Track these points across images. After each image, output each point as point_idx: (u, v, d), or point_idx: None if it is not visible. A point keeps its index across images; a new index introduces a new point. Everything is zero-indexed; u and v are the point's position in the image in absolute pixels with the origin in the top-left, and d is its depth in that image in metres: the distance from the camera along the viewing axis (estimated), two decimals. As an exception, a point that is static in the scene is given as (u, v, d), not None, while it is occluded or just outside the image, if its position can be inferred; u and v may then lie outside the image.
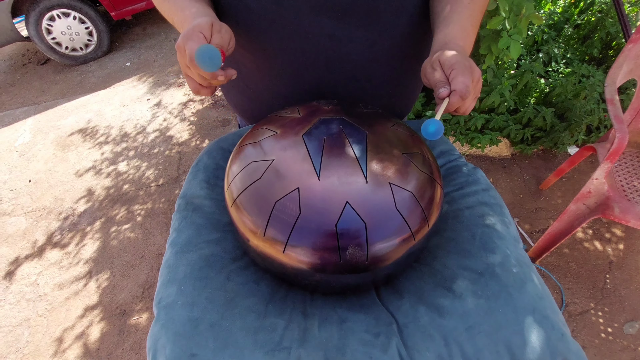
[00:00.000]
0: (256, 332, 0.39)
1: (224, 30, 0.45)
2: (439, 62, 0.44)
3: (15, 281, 1.51)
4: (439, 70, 0.44)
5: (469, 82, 0.42)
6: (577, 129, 1.56)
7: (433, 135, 0.41)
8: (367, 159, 0.41)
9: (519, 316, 0.40)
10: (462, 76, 0.42)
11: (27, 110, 2.50)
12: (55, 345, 1.30)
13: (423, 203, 0.40)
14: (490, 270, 0.43)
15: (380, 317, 0.41)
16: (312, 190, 0.38)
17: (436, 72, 0.44)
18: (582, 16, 1.88)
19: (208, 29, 0.43)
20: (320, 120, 0.46)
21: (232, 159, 0.47)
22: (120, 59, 2.93)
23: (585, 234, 1.46)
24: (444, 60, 0.44)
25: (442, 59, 0.44)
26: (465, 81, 0.41)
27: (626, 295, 1.27)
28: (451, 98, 0.42)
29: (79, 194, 1.85)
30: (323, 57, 0.56)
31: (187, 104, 2.36)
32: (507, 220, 0.50)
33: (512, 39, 1.13)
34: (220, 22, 0.45)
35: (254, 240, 0.40)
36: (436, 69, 0.45)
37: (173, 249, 0.47)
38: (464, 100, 0.42)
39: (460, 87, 0.41)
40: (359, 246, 0.37)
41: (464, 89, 0.41)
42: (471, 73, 0.43)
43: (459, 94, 0.41)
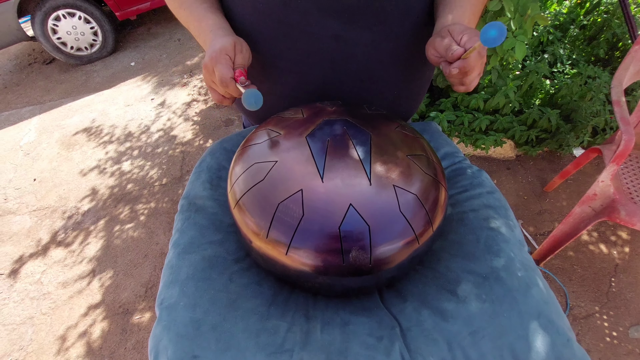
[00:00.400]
0: (258, 335, 0.39)
1: (244, 49, 0.50)
2: (448, 31, 0.45)
3: (19, 279, 1.52)
4: (448, 37, 0.44)
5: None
6: (582, 130, 1.54)
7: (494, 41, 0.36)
8: (371, 161, 0.40)
9: (523, 321, 0.39)
10: (476, 36, 0.42)
11: (32, 110, 2.52)
12: (59, 344, 1.30)
13: (427, 206, 0.40)
14: (495, 273, 0.43)
15: (383, 321, 0.41)
16: (316, 192, 0.38)
17: (446, 39, 0.44)
18: (588, 17, 1.86)
19: (232, 51, 0.48)
20: (324, 122, 0.46)
21: (236, 159, 0.47)
22: (124, 59, 2.95)
23: (591, 237, 1.44)
24: (452, 29, 0.45)
25: (450, 28, 0.45)
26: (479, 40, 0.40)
27: (632, 299, 1.26)
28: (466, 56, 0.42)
29: (83, 193, 1.86)
30: (328, 58, 0.56)
31: (191, 103, 2.36)
32: (512, 223, 0.50)
33: (518, 39, 1.12)
34: (240, 40, 0.50)
35: (257, 242, 0.40)
36: (445, 37, 0.45)
37: (175, 249, 0.47)
38: (481, 58, 0.42)
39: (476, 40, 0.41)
40: (362, 249, 0.37)
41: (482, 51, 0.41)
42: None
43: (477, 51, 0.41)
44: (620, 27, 1.70)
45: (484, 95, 1.53)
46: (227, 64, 0.46)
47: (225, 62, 0.46)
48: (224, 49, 0.47)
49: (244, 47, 0.50)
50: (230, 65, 0.47)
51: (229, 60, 0.47)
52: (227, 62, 0.46)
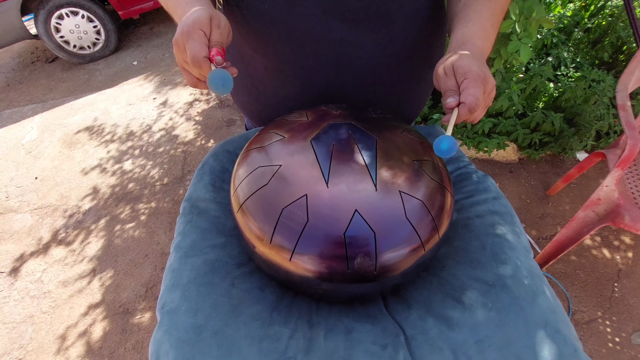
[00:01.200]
0: (260, 341, 0.38)
1: (222, 24, 0.43)
2: (452, 67, 0.43)
3: (20, 278, 1.52)
4: (451, 76, 0.43)
5: (479, 95, 0.40)
6: (586, 134, 1.53)
7: (446, 152, 0.39)
8: (377, 166, 0.40)
9: (530, 330, 0.39)
10: (473, 88, 0.40)
11: (34, 108, 2.52)
12: (59, 343, 1.30)
13: (433, 212, 0.39)
14: (501, 281, 0.42)
15: (388, 328, 0.40)
16: (321, 197, 0.37)
17: (448, 79, 0.43)
18: (593, 20, 1.85)
19: (207, 25, 0.41)
20: (329, 125, 0.45)
21: (239, 163, 0.46)
22: (127, 58, 2.95)
23: (594, 242, 1.43)
24: (457, 66, 0.42)
25: (455, 64, 0.42)
26: (475, 93, 0.40)
27: (634, 305, 1.25)
28: (460, 110, 0.41)
29: (85, 191, 1.86)
30: (333, 61, 0.56)
31: (193, 103, 2.36)
32: (517, 229, 0.49)
33: (522, 42, 1.11)
34: (218, 14, 0.43)
35: (260, 247, 0.40)
36: (448, 75, 0.43)
37: (177, 253, 0.47)
38: (472, 113, 0.41)
39: (470, 100, 0.40)
40: (367, 255, 0.36)
41: (473, 102, 0.40)
42: (484, 84, 0.41)
43: (467, 107, 0.40)
44: (625, 31, 1.69)
45: (487, 97, 1.52)
46: (200, 41, 0.39)
47: (198, 38, 0.40)
48: (198, 23, 0.40)
49: (222, 21, 0.43)
50: (204, 42, 0.40)
51: (203, 37, 0.40)
52: (200, 38, 0.40)
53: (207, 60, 0.40)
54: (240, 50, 0.61)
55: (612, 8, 1.80)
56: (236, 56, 0.63)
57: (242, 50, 0.61)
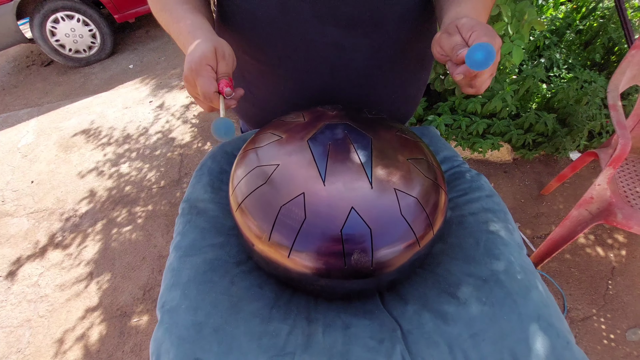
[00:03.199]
0: (260, 337, 0.39)
1: (227, 53, 0.44)
2: (457, 26, 0.40)
3: (16, 282, 1.51)
4: (456, 34, 0.40)
5: (493, 42, 0.37)
6: (579, 134, 1.56)
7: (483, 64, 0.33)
8: (372, 165, 0.41)
9: (523, 324, 0.40)
10: (485, 36, 0.37)
11: (30, 112, 2.51)
12: (56, 347, 1.29)
13: (428, 209, 0.40)
14: (495, 277, 0.43)
15: (385, 323, 0.41)
16: (318, 195, 0.38)
17: (454, 36, 0.40)
18: (584, 22, 1.88)
19: (213, 58, 0.43)
20: (325, 126, 0.46)
21: (237, 163, 0.47)
22: (123, 62, 2.95)
23: (587, 240, 1.45)
24: (462, 24, 0.40)
25: (459, 24, 0.40)
26: (490, 40, 0.37)
27: (629, 302, 1.26)
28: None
29: (81, 195, 1.85)
30: (327, 65, 0.57)
31: (189, 106, 2.37)
32: (511, 226, 0.50)
33: (515, 44, 1.13)
34: (221, 44, 0.44)
35: (259, 245, 0.40)
36: (453, 34, 0.40)
37: (177, 252, 0.47)
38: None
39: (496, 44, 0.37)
40: (364, 251, 0.37)
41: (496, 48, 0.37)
42: (494, 37, 0.38)
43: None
44: (616, 32, 1.72)
45: (481, 99, 1.54)
46: (208, 76, 0.41)
47: (206, 74, 0.41)
48: (204, 58, 0.41)
49: (227, 51, 0.44)
50: (212, 76, 0.42)
51: (210, 72, 0.42)
52: (208, 73, 0.41)
53: (217, 94, 0.42)
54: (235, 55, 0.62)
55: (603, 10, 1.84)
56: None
57: (237, 55, 0.61)
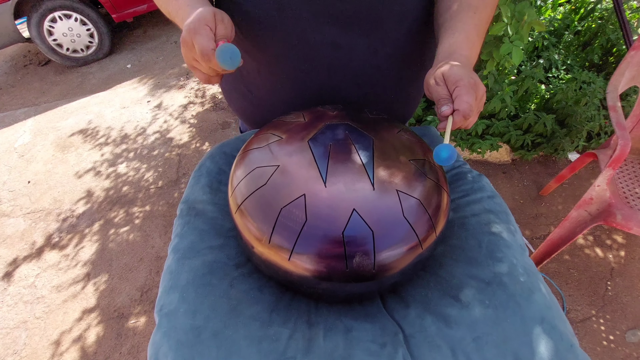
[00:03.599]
0: (260, 342, 0.38)
1: (226, 19, 0.44)
2: (443, 76, 0.43)
3: (13, 283, 1.49)
4: (442, 85, 0.43)
5: (472, 101, 0.41)
6: (577, 135, 1.56)
7: (447, 160, 0.40)
8: (374, 166, 0.40)
9: (527, 326, 0.39)
10: (465, 95, 0.41)
11: (27, 111, 2.49)
12: (53, 348, 1.28)
13: (430, 210, 0.40)
14: (498, 279, 0.42)
15: (386, 327, 0.40)
16: (319, 196, 0.38)
17: (439, 88, 0.44)
18: (583, 23, 1.89)
19: (212, 20, 0.42)
20: (325, 126, 0.45)
21: (237, 163, 0.46)
22: (121, 61, 2.94)
23: (586, 241, 1.45)
24: (448, 75, 0.43)
25: (446, 74, 0.43)
26: (468, 100, 0.41)
27: (628, 303, 1.26)
28: (454, 117, 0.42)
29: (78, 195, 1.84)
30: (325, 64, 0.56)
31: (188, 106, 2.36)
32: (513, 228, 0.50)
33: (514, 45, 1.13)
34: (220, 11, 0.44)
35: (259, 247, 0.40)
36: (439, 84, 0.44)
37: (175, 255, 0.46)
38: (466, 119, 0.42)
39: (463, 107, 0.41)
40: (366, 254, 0.36)
41: (467, 109, 0.41)
42: (475, 90, 0.42)
43: (462, 114, 0.41)
44: (615, 33, 1.72)
45: (481, 99, 1.54)
46: (207, 35, 0.41)
47: (205, 32, 0.41)
48: (203, 19, 0.42)
49: (225, 17, 0.44)
50: (211, 36, 0.41)
51: (209, 31, 0.41)
52: (207, 32, 0.41)
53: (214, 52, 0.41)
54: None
55: (601, 11, 1.84)
56: None
57: None
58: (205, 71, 0.44)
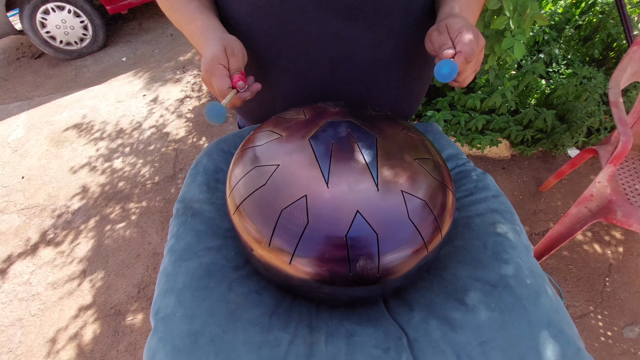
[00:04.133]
0: (260, 347, 0.37)
1: (236, 50, 0.48)
2: (446, 25, 0.46)
3: (7, 280, 1.48)
4: (445, 33, 0.46)
5: (474, 45, 0.43)
6: (577, 130, 1.55)
7: (448, 76, 0.42)
8: (378, 165, 0.39)
9: (534, 330, 0.38)
10: (468, 38, 0.43)
11: (20, 105, 2.45)
12: (49, 346, 1.27)
13: (436, 211, 0.39)
14: (504, 281, 0.41)
15: (390, 331, 0.39)
16: (321, 198, 0.36)
17: (442, 35, 0.46)
18: (583, 17, 1.87)
19: (224, 57, 0.47)
20: (327, 123, 0.44)
21: (235, 162, 0.45)
22: (115, 54, 2.88)
23: (585, 237, 1.45)
24: (451, 24, 0.45)
25: (449, 23, 0.46)
26: (471, 43, 0.43)
27: (626, 299, 1.27)
28: (456, 59, 0.43)
29: (73, 191, 1.81)
30: (327, 57, 0.55)
31: (184, 100, 2.32)
32: (518, 228, 0.49)
33: (516, 39, 1.11)
34: (230, 41, 0.48)
35: (258, 250, 0.38)
36: (442, 33, 0.46)
37: (171, 256, 0.45)
38: (467, 62, 0.43)
39: (466, 48, 0.43)
40: (370, 258, 0.35)
41: (469, 51, 0.43)
42: (477, 39, 0.44)
43: (464, 55, 0.43)
44: (615, 28, 1.70)
45: (480, 94, 1.52)
46: (221, 75, 0.45)
47: (219, 73, 0.45)
48: (216, 58, 0.46)
49: (236, 48, 0.48)
50: (225, 74, 0.46)
51: (222, 70, 0.46)
52: (221, 72, 0.46)
53: (232, 90, 0.46)
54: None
55: (602, 5, 1.82)
56: None
57: None
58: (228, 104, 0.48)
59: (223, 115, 0.44)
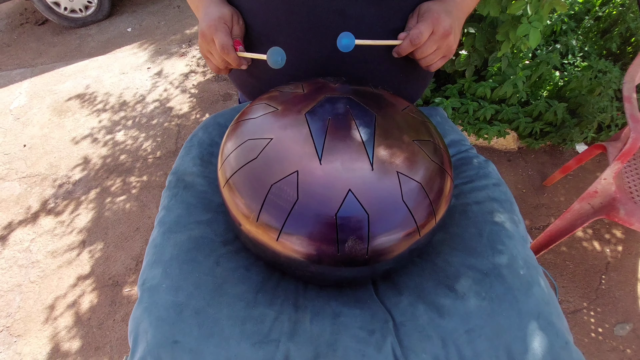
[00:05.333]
0: (244, 322, 0.36)
1: (241, 21, 0.51)
2: (418, 10, 0.48)
3: (8, 246, 1.50)
4: (414, 17, 0.48)
5: (424, 32, 0.45)
6: (587, 125, 1.51)
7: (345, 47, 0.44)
8: (375, 144, 0.37)
9: (522, 321, 0.37)
10: (422, 25, 0.45)
11: (23, 73, 2.42)
12: (47, 313, 1.30)
13: (432, 195, 0.37)
14: (497, 270, 0.40)
15: (377, 314, 0.39)
16: (312, 174, 0.35)
17: (411, 19, 0.49)
18: (604, 8, 1.79)
19: (230, 20, 0.49)
20: (325, 99, 0.42)
21: (228, 134, 0.43)
22: (121, 24, 2.83)
23: (585, 234, 1.44)
24: (420, 8, 0.48)
25: (421, 8, 0.48)
26: (420, 29, 0.45)
27: (620, 297, 1.26)
28: (404, 40, 0.47)
29: (75, 161, 1.81)
30: (330, 34, 0.52)
31: (189, 75, 2.29)
32: (516, 218, 0.47)
33: (532, 26, 1.07)
34: (236, 11, 0.51)
35: (246, 225, 0.37)
36: (413, 16, 0.49)
37: (161, 228, 0.44)
38: (414, 46, 0.46)
39: (413, 32, 0.45)
40: (359, 239, 0.34)
41: (415, 36, 0.45)
42: (434, 24, 0.45)
43: (409, 39, 0.46)
44: (635, 22, 1.63)
45: (491, 83, 1.48)
46: (226, 32, 0.47)
47: (224, 30, 0.47)
48: (222, 18, 0.48)
49: (240, 18, 0.51)
50: (229, 33, 0.48)
51: (227, 29, 0.48)
52: (226, 30, 0.47)
53: (233, 48, 0.47)
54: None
55: (625, -4, 1.74)
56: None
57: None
58: (216, 64, 0.51)
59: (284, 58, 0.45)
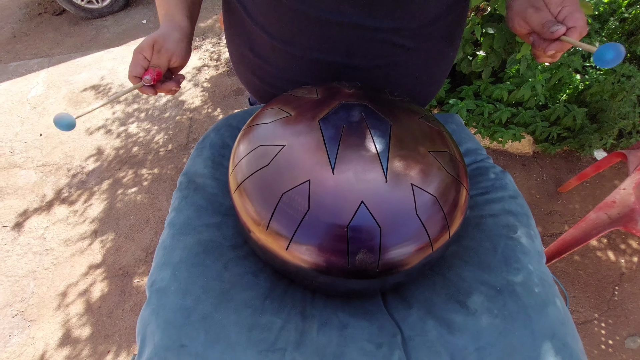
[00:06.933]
0: (250, 329, 0.36)
1: (164, 49, 0.50)
2: (544, 1, 0.41)
3: (23, 233, 1.53)
4: (545, 10, 0.41)
5: (585, 18, 0.39)
6: (608, 132, 1.46)
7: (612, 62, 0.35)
8: (389, 155, 0.36)
9: (536, 341, 0.36)
10: (578, 12, 0.39)
11: (40, 62, 2.47)
12: (59, 299, 1.33)
13: (446, 208, 0.36)
14: (510, 287, 0.39)
15: (385, 327, 0.38)
16: (324, 184, 0.34)
17: (542, 12, 0.41)
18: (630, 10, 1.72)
19: (148, 50, 0.49)
20: (340, 105, 0.41)
21: (240, 138, 0.43)
22: (136, 16, 2.85)
23: (600, 243, 1.40)
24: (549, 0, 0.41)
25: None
26: (582, 17, 0.39)
27: (632, 309, 1.23)
28: (571, 35, 0.39)
29: (89, 152, 1.84)
30: (344, 45, 0.52)
31: (202, 68, 2.29)
32: (533, 232, 0.46)
33: (555, 28, 1.03)
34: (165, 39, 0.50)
35: (256, 232, 0.37)
36: (541, 8, 0.41)
37: (170, 229, 0.44)
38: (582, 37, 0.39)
39: (580, 23, 0.39)
40: (370, 251, 0.33)
41: (584, 25, 0.39)
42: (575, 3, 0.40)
43: (579, 30, 0.39)
44: (665, 24, 1.57)
45: (509, 85, 1.44)
46: (136, 63, 0.48)
47: (135, 61, 0.48)
48: (140, 48, 0.49)
49: (165, 46, 0.50)
50: (140, 64, 0.48)
51: (140, 60, 0.48)
52: (137, 61, 0.48)
53: (136, 78, 0.49)
54: (244, 25, 0.57)
55: (653, -3, 1.67)
56: (240, 30, 0.59)
57: (246, 26, 0.57)
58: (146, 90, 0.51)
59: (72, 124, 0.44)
